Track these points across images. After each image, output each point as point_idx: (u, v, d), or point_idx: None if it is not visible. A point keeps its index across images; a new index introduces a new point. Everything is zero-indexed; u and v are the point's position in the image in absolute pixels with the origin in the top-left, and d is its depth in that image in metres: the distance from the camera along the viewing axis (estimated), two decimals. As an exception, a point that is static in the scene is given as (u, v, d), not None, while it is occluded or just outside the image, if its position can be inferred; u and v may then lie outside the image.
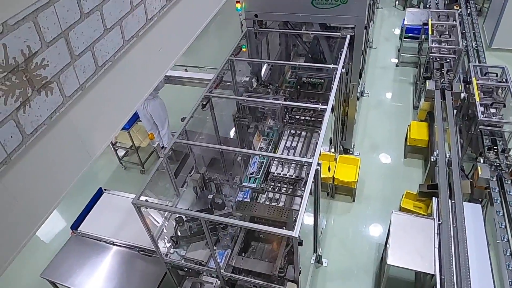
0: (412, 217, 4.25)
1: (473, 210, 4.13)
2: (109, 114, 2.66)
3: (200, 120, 4.82)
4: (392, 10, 10.32)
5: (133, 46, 2.71)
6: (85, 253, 4.31)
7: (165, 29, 3.13)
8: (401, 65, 8.28)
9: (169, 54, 3.37)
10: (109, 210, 4.63)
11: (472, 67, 5.42)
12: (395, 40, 9.06)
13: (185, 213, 3.36)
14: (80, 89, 2.17)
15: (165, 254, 3.70)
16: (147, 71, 3.05)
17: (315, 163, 3.23)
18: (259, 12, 4.90)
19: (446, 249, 3.68)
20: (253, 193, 4.33)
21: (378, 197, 5.69)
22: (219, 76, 4.44)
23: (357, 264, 4.91)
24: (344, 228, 5.35)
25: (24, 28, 1.68)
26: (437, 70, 5.92)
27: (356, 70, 5.15)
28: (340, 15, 4.62)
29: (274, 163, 4.54)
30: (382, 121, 7.01)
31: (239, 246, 3.75)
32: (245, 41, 5.13)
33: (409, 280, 4.58)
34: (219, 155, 4.77)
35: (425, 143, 5.94)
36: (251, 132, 5.02)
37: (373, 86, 7.77)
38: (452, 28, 6.55)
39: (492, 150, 4.54)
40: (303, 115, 4.99)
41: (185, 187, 4.04)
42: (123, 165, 6.62)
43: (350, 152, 6.23)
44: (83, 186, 5.55)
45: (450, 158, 4.61)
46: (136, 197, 3.13)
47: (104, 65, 2.35)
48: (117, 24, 2.37)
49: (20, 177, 1.90)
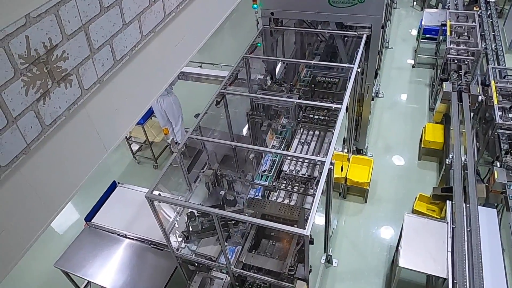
0: (425, 219, 4.20)
1: (488, 215, 4.06)
2: (125, 108, 2.69)
3: (213, 117, 4.84)
4: (409, 10, 10.19)
5: (150, 41, 2.74)
6: (98, 245, 4.37)
7: (182, 25, 3.15)
8: (418, 66, 8.18)
9: (185, 50, 3.39)
10: (122, 203, 4.70)
11: (491, 69, 5.32)
12: (412, 40, 8.95)
13: (197, 208, 3.38)
14: (98, 82, 2.20)
15: (176, 249, 3.73)
16: (163, 66, 3.07)
17: (328, 162, 3.21)
18: (275, 10, 4.89)
19: (459, 253, 3.63)
20: (264, 191, 4.34)
21: (391, 199, 5.63)
22: (234, 73, 4.44)
23: (368, 265, 4.87)
24: (355, 229, 5.32)
25: (46, 20, 1.71)
26: (455, 72, 5.82)
27: (371, 70, 5.10)
28: (357, 14, 4.58)
29: (286, 162, 4.53)
30: (397, 122, 6.93)
31: (249, 243, 3.77)
32: (260, 39, 5.13)
33: (420, 283, 4.53)
34: (232, 152, 4.78)
35: (440, 145, 5.86)
36: (264, 130, 5.02)
37: (388, 86, 7.69)
38: (471, 29, 6.44)
39: (509, 154, 4.45)
40: (316, 114, 4.97)
41: (198, 182, 4.07)
42: (136, 159, 6.69)
43: (363, 153, 6.18)
44: (97, 179, 5.63)
45: (465, 161, 4.54)
46: (149, 191, 3.17)
47: (122, 59, 2.38)
48: (135, 19, 2.40)
49: (38, 167, 1.94)
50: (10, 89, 1.61)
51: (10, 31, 1.54)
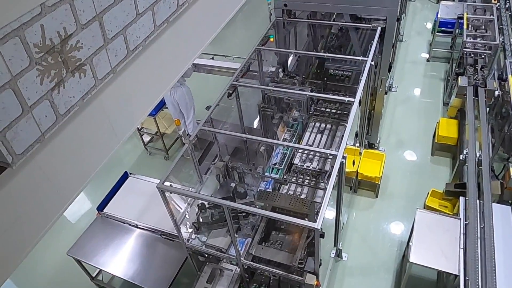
0: (437, 215, 4.15)
1: (502, 212, 3.99)
2: (138, 99, 2.70)
3: (225, 109, 4.84)
4: (425, 2, 9.99)
5: (163, 31, 2.73)
6: (110, 234, 4.43)
7: (195, 16, 3.13)
8: (432, 60, 8.03)
9: (198, 41, 3.38)
10: (134, 193, 4.74)
11: (508, 63, 5.19)
12: (427, 34, 8.79)
13: (208, 199, 3.39)
14: (112, 72, 2.20)
15: (187, 239, 3.76)
16: (176, 57, 3.07)
17: (340, 155, 3.19)
18: (288, 1, 4.84)
19: (471, 250, 3.58)
20: (275, 184, 4.33)
21: (402, 194, 5.58)
22: (246, 65, 4.42)
23: (378, 260, 4.85)
24: (366, 224, 5.28)
25: (61, 10, 1.71)
26: (471, 66, 5.71)
27: (385, 63, 5.03)
28: (371, 6, 4.51)
29: (297, 155, 4.52)
30: (410, 117, 6.84)
31: (259, 235, 3.77)
32: (273, 31, 5.08)
33: (430, 279, 4.50)
34: (243, 145, 4.78)
35: (454, 141, 5.76)
36: (276, 122, 5.00)
37: (402, 81, 7.58)
38: (488, 22, 6.29)
39: (526, 151, 4.36)
40: (328, 108, 4.93)
41: (209, 174, 4.08)
42: (148, 150, 6.74)
43: (375, 147, 6.12)
44: (109, 169, 5.69)
45: (480, 157, 4.46)
46: (161, 182, 3.19)
47: (135, 50, 2.37)
48: (149, 9, 2.39)
49: (53, 156, 1.96)
50: (25, 78, 1.62)
51: (26, 20, 1.54)
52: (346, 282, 4.67)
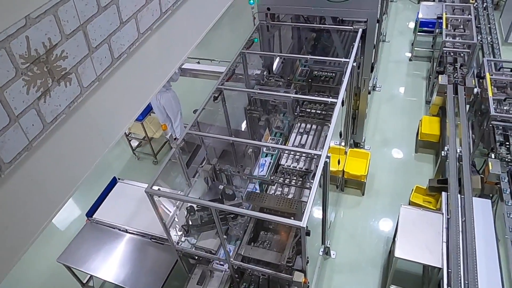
0: (421, 211, 4.27)
1: (482, 205, 4.13)
2: (124, 105, 2.75)
3: (212, 112, 4.90)
4: (406, 3, 10.19)
5: (148, 38, 2.78)
6: (100, 240, 4.45)
7: (179, 22, 3.19)
8: (415, 59, 8.21)
9: (183, 46, 3.44)
10: (123, 198, 4.76)
11: (486, 61, 5.36)
12: (409, 34, 8.97)
13: (196, 202, 3.45)
14: (97, 80, 2.25)
15: (177, 242, 3.80)
16: (161, 63, 3.12)
17: (324, 155, 3.27)
18: (271, 5, 4.93)
19: (453, 243, 3.70)
20: (262, 185, 4.40)
21: (388, 191, 5.70)
22: (231, 69, 4.49)
23: (365, 257, 4.95)
24: (353, 221, 5.39)
25: (46, 21, 1.76)
26: (450, 64, 5.88)
27: (367, 64, 5.15)
28: (352, 8, 4.62)
29: (284, 156, 4.60)
30: (394, 115, 6.98)
31: (248, 236, 3.84)
32: (257, 34, 5.16)
33: (416, 274, 4.61)
34: (230, 147, 4.85)
35: (436, 138, 5.91)
36: (262, 124, 5.08)
37: (385, 80, 7.73)
38: (467, 22, 6.48)
39: (504, 146, 4.51)
40: (313, 109, 5.03)
41: (197, 177, 4.13)
42: (136, 155, 6.75)
43: (361, 146, 6.24)
44: (98, 175, 5.70)
45: (460, 153, 4.60)
46: (149, 186, 3.23)
47: (120, 57, 2.42)
48: (132, 18, 2.44)
49: (41, 164, 2.00)
50: (12, 88, 1.66)
51: (11, 32, 1.59)
52: (335, 279, 4.77)
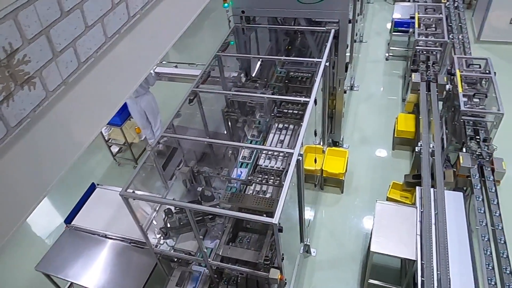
0: (396, 206, 4.37)
1: (455, 198, 4.25)
2: (95, 108, 2.76)
3: (191, 115, 4.93)
4: (383, 4, 10.40)
5: (117, 42, 2.81)
6: (79, 246, 4.42)
7: (150, 26, 3.22)
8: (391, 58, 8.38)
9: (155, 50, 3.46)
10: (102, 204, 4.75)
11: (456, 59, 5.52)
12: (385, 34, 9.15)
13: (170, 203, 3.48)
14: (63, 84, 2.27)
15: (155, 245, 3.81)
16: (133, 66, 3.14)
17: (296, 153, 3.34)
18: (245, 8, 5.00)
19: (426, 236, 3.80)
20: (241, 185, 4.45)
21: (367, 188, 5.81)
22: (206, 72, 4.54)
23: (345, 253, 5.03)
24: (333, 219, 5.47)
25: (5, 26, 1.78)
26: (423, 63, 6.03)
27: (342, 64, 5.25)
28: (324, 9, 4.72)
29: (262, 156, 4.65)
30: (372, 114, 7.12)
31: (227, 236, 3.87)
32: (233, 37, 5.22)
33: (395, 267, 4.71)
34: (210, 149, 4.89)
35: (412, 134, 6.05)
36: (240, 126, 5.13)
37: (363, 80, 7.87)
38: (438, 21, 6.65)
39: (474, 140, 4.65)
40: (290, 109, 5.10)
41: (174, 180, 4.15)
42: (117, 161, 6.73)
43: (340, 145, 6.34)
44: (79, 182, 5.68)
45: (433, 148, 4.72)
46: (123, 189, 3.24)
47: (87, 61, 2.44)
48: (98, 22, 2.46)
49: (7, 169, 2.01)
50: (-28, 93, 1.68)
51: (-31, 37, 1.61)
52: (316, 276, 4.83)
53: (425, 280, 3.48)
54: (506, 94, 5.37)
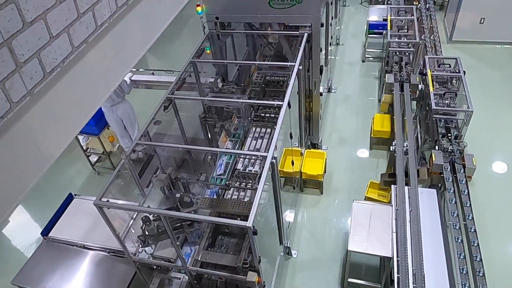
0: (372, 205, 4.45)
1: (428, 195, 4.36)
2: (65, 119, 2.75)
3: (169, 122, 4.93)
4: (358, 7, 10.59)
5: (86, 51, 2.80)
6: (56, 258, 4.36)
7: (120, 35, 3.22)
8: (367, 60, 8.54)
9: (127, 58, 3.47)
10: (80, 214, 4.70)
11: (427, 59, 5.67)
12: (361, 36, 9.31)
13: (145, 210, 3.47)
14: (29, 95, 2.26)
15: (134, 254, 3.80)
16: (103, 75, 3.14)
17: (270, 157, 3.38)
18: (219, 14, 5.03)
19: (401, 233, 3.88)
20: (220, 190, 4.46)
21: (346, 188, 5.89)
22: (181, 78, 4.55)
23: (326, 253, 5.09)
24: (313, 220, 5.53)
25: (-37, 38, 1.77)
26: (396, 63, 6.16)
27: (316, 67, 5.33)
28: (296, 14, 4.79)
29: (240, 160, 4.68)
30: (350, 115, 7.23)
31: (205, 241, 3.89)
32: (208, 43, 5.25)
33: (374, 265, 4.78)
34: (188, 155, 4.90)
35: (388, 134, 6.17)
36: (217, 131, 5.15)
37: (340, 81, 7.99)
38: (410, 22, 6.81)
39: (446, 137, 4.78)
40: (267, 113, 5.14)
41: (151, 187, 4.14)
42: (96, 170, 6.66)
43: (318, 147, 6.42)
44: (57, 193, 5.61)
45: (407, 147, 4.83)
46: (97, 198, 3.23)
47: (53, 71, 2.44)
48: (63, 32, 2.46)
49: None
50: None
51: None
52: (297, 277, 4.87)
53: (401, 276, 3.55)
54: (476, 92, 5.56)
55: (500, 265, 4.76)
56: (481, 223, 4.29)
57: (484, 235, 4.43)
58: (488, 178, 5.81)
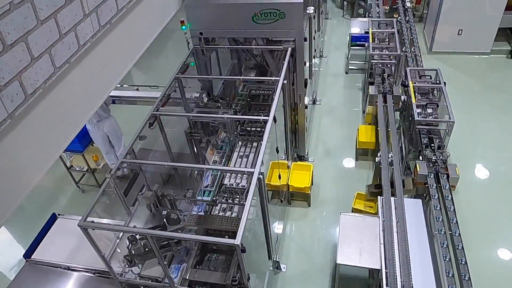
0: (359, 217, 4.47)
1: (414, 205, 4.40)
2: (48, 140, 2.71)
3: (154, 138, 4.89)
4: (340, 20, 10.78)
5: (68, 71, 2.78)
6: (40, 281, 4.23)
7: (103, 53, 3.21)
8: (351, 72, 8.67)
9: (111, 76, 3.45)
10: (64, 235, 4.58)
11: (409, 71, 5.78)
12: (344, 48, 9.44)
13: (131, 231, 3.42)
14: (9, 118, 2.23)
15: (120, 274, 3.72)
16: (87, 94, 3.11)
17: (257, 172, 3.37)
18: (203, 30, 5.06)
19: (389, 245, 3.90)
20: (207, 206, 4.43)
21: (333, 200, 5.91)
22: (166, 94, 4.54)
23: (315, 266, 5.07)
24: (302, 233, 5.52)
25: None
26: (379, 75, 6.27)
27: (301, 80, 5.38)
28: (280, 29, 4.84)
29: (227, 175, 4.66)
30: (335, 127, 7.29)
31: (193, 259, 3.84)
32: (193, 58, 5.26)
33: (362, 277, 4.78)
34: (174, 171, 4.86)
35: (373, 145, 6.24)
36: (204, 146, 5.13)
37: (325, 93, 8.08)
38: (391, 35, 6.96)
39: (429, 148, 4.85)
40: (253, 127, 5.16)
41: (137, 205, 4.08)
42: (80, 188, 6.55)
43: (305, 159, 6.44)
44: (41, 213, 5.49)
45: (392, 158, 4.88)
46: (82, 219, 3.17)
47: (35, 93, 2.41)
48: (45, 53, 2.44)
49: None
50: None
51: None
52: (287, 292, 4.84)
53: None
54: (456, 101, 5.68)
55: (486, 270, 4.83)
56: (465, 230, 4.34)
57: (469, 242, 4.50)
58: (471, 185, 5.92)
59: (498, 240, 5.21)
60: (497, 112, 7.22)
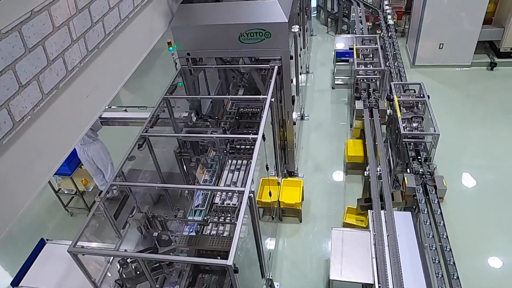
0: (350, 231, 4.50)
1: (404, 218, 4.45)
2: (35, 166, 2.69)
3: (144, 159, 4.88)
4: (325, 36, 11.00)
5: (56, 97, 2.79)
6: (28, 309, 4.15)
7: (91, 77, 3.23)
8: (337, 87, 8.81)
9: (99, 100, 3.46)
10: (53, 260, 4.50)
11: (393, 85, 5.91)
12: (330, 64, 9.63)
13: (121, 255, 3.38)
14: (-3, 146, 2.22)
15: (111, 299, 3.66)
16: (75, 119, 3.11)
17: (247, 191, 3.39)
18: (190, 50, 5.12)
19: (381, 258, 3.93)
20: (198, 226, 4.41)
21: (324, 215, 5.93)
22: (155, 116, 4.55)
23: (308, 283, 5.05)
24: (294, 249, 5.51)
25: None
26: (364, 90, 6.39)
27: (288, 97, 5.46)
28: (266, 48, 4.93)
29: (217, 194, 4.66)
30: (323, 141, 7.37)
31: (185, 280, 3.80)
32: (181, 78, 5.31)
33: (357, 292, 4.77)
34: (164, 192, 4.84)
35: (361, 159, 6.31)
36: (193, 165, 5.14)
37: (312, 109, 8.19)
38: (375, 50, 7.13)
39: (416, 160, 4.94)
40: (243, 145, 5.20)
41: (127, 228, 4.05)
42: (69, 211, 6.45)
43: (295, 175, 6.47)
44: (29, 238, 5.37)
45: (380, 171, 4.95)
46: (71, 245, 3.13)
47: (23, 120, 2.41)
48: (33, 80, 2.46)
49: None
50: None
51: None
52: (281, 310, 4.80)
53: (383, 302, 3.57)
54: (440, 113, 5.80)
55: (478, 279, 4.87)
56: (455, 239, 4.39)
57: (459, 252, 4.55)
58: (459, 195, 6.00)
59: (489, 249, 5.28)
60: (481, 122, 7.40)
